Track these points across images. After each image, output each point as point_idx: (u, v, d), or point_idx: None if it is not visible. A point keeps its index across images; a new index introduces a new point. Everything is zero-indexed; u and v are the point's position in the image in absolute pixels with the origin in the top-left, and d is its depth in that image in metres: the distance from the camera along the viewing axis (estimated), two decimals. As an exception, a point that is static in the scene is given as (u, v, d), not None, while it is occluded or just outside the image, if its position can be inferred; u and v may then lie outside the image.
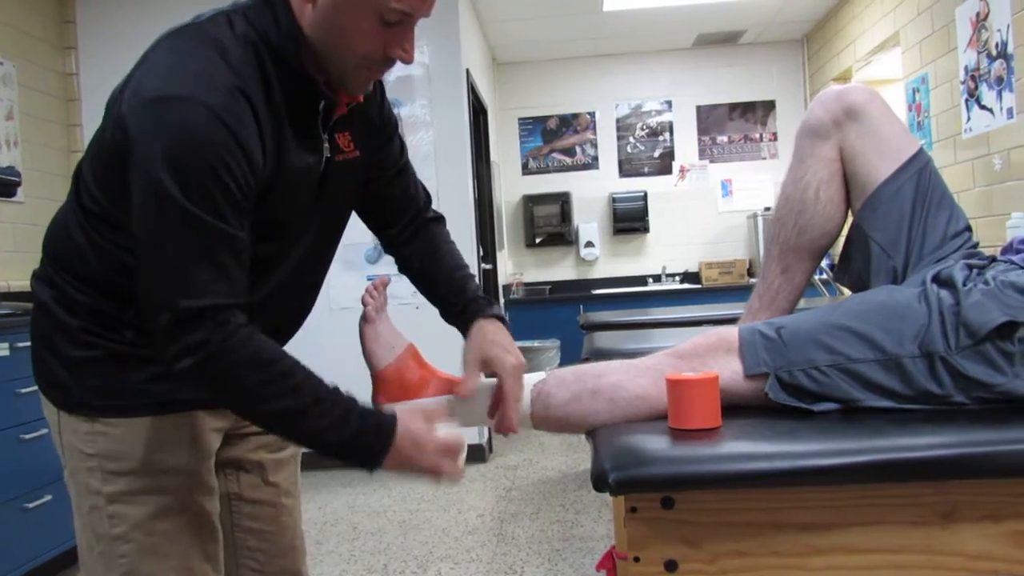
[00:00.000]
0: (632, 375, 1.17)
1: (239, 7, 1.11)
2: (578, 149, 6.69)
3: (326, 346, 1.97)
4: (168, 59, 1.03)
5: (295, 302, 1.29)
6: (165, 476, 1.17)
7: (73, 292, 1.16)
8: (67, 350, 1.16)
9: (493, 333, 1.25)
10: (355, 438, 1.05)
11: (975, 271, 1.19)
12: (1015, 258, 1.20)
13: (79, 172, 1.16)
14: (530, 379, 1.22)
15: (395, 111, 1.39)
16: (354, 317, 1.35)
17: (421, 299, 1.38)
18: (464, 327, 1.29)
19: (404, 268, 1.40)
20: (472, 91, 4.73)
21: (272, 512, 1.37)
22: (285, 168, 1.10)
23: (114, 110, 1.06)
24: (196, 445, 1.21)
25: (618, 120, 6.68)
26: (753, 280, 5.68)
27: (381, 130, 1.32)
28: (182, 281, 0.99)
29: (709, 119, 6.64)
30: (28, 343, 1.28)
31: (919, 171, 1.31)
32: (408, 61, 1.12)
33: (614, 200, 6.55)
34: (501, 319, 1.29)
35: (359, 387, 1.26)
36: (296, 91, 1.10)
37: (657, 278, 6.59)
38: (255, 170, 1.03)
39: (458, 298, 1.32)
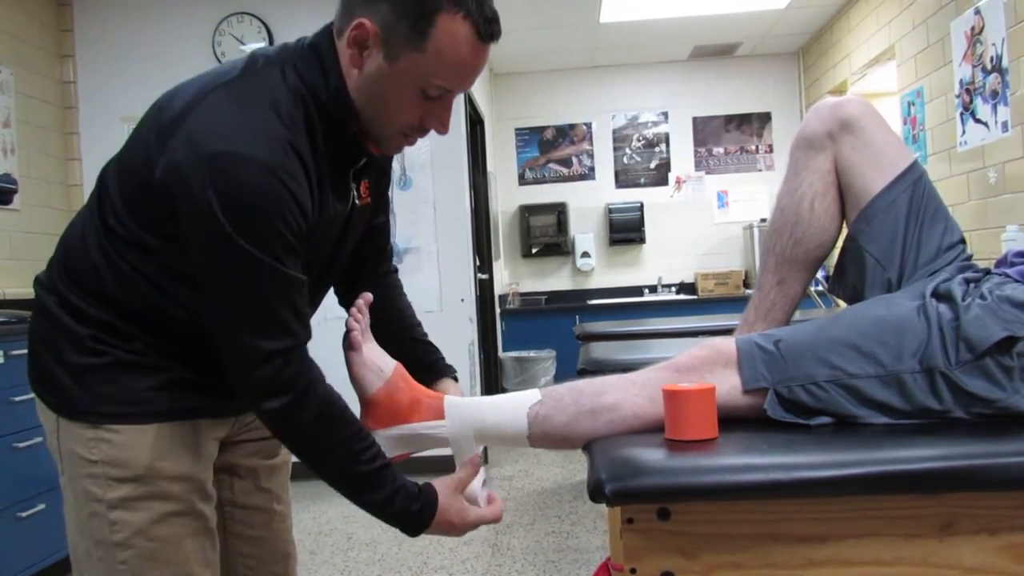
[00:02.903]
0: (630, 393, 1.16)
1: (288, 56, 1.15)
2: (575, 160, 6.71)
3: (320, 355, 1.95)
4: (225, 113, 1.06)
5: None
6: (168, 483, 1.18)
7: (83, 305, 1.16)
8: (73, 357, 1.16)
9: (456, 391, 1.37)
10: (400, 515, 1.17)
11: (972, 285, 1.19)
12: (1010, 271, 1.20)
13: (103, 189, 1.17)
14: (525, 397, 1.21)
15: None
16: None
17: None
18: (427, 381, 1.37)
19: (349, 303, 1.43)
20: (469, 101, 4.74)
21: (265, 518, 1.38)
22: (322, 214, 1.15)
23: (164, 148, 1.06)
24: (198, 453, 1.22)
25: (614, 131, 6.70)
26: (749, 291, 5.69)
27: (386, 178, 1.39)
28: (265, 326, 1.07)
29: (705, 130, 6.66)
30: (24, 351, 1.28)
31: (914, 183, 1.31)
32: (443, 133, 1.19)
33: (610, 211, 6.56)
34: (456, 379, 1.42)
35: (351, 397, 1.25)
36: (338, 145, 1.15)
37: (653, 289, 6.60)
38: (307, 220, 1.09)
39: (423, 354, 1.42)
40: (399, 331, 1.42)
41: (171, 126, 1.07)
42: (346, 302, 1.43)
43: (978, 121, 3.81)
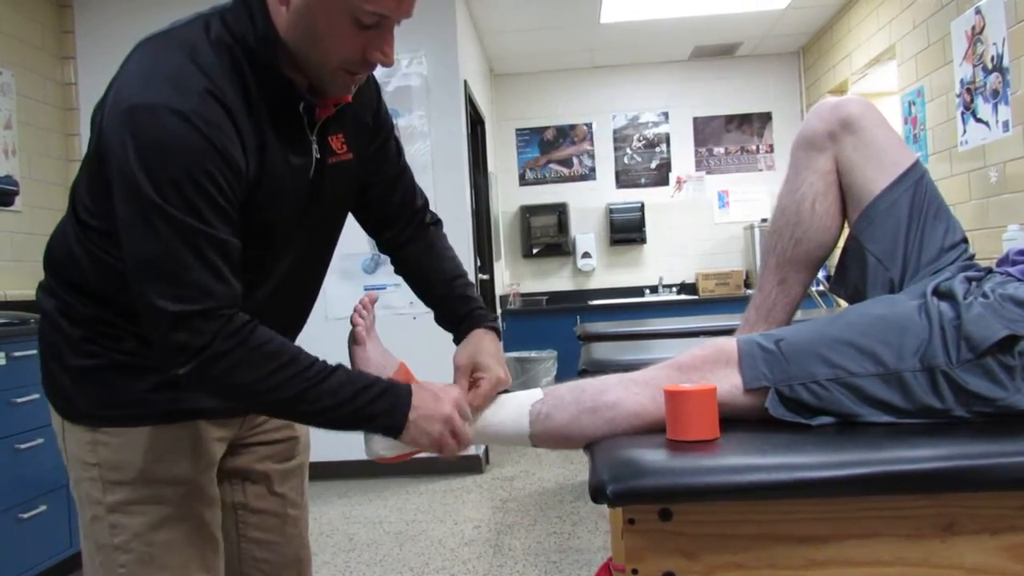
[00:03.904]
0: (631, 392, 1.16)
1: (218, 10, 1.11)
2: (575, 160, 6.71)
3: (323, 356, 1.96)
4: (140, 67, 1.04)
5: (291, 306, 1.29)
6: (165, 486, 1.17)
7: (74, 303, 1.16)
8: (70, 360, 1.16)
9: (488, 344, 1.29)
10: (376, 400, 1.08)
11: (973, 283, 1.19)
12: (1012, 270, 1.20)
13: (75, 185, 1.17)
14: (527, 396, 1.21)
15: (393, 122, 1.41)
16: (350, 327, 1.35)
17: (418, 310, 1.40)
18: (460, 335, 1.32)
19: (400, 270, 1.42)
20: (470, 102, 4.74)
21: (278, 523, 1.37)
22: (269, 169, 1.10)
23: (96, 122, 1.07)
24: (197, 455, 1.21)
25: (615, 131, 6.70)
26: (750, 291, 5.69)
27: (375, 133, 1.32)
28: (177, 287, 1.00)
29: (706, 131, 6.66)
30: (25, 352, 1.29)
31: (915, 183, 1.31)
32: (388, 64, 1.10)
33: (611, 211, 6.56)
34: (496, 331, 1.33)
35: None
36: (274, 93, 1.10)
37: (654, 289, 6.60)
38: (236, 172, 1.04)
39: (458, 307, 1.34)
40: (439, 292, 1.38)
41: (103, 98, 1.07)
42: (397, 268, 1.42)
43: (979, 120, 3.81)
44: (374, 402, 1.09)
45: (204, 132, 0.99)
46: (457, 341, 1.32)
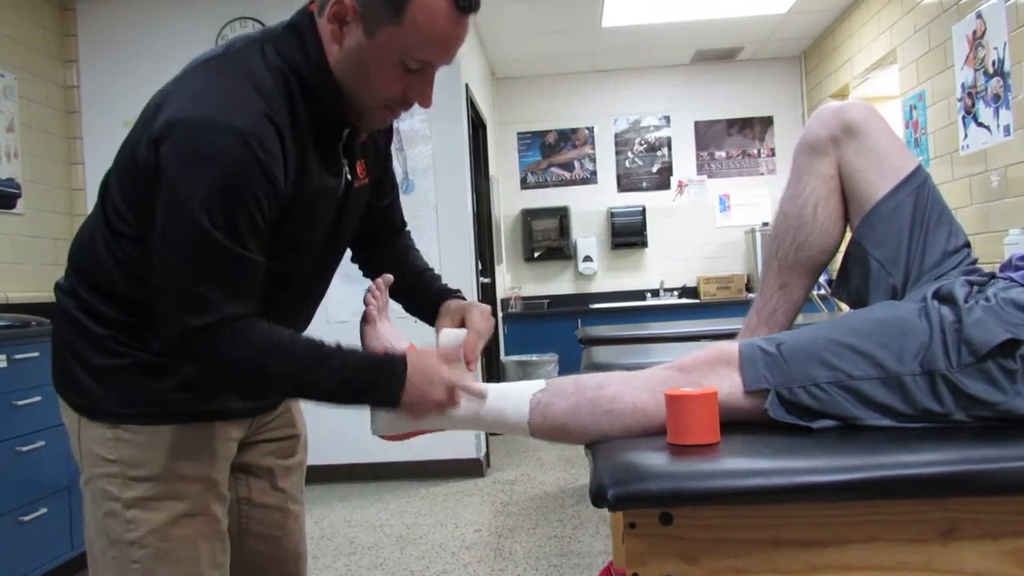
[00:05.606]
0: (632, 387, 1.17)
1: (268, 36, 1.17)
2: (576, 164, 6.71)
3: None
4: (201, 85, 1.08)
5: (301, 315, 1.35)
6: (184, 483, 1.20)
7: (100, 307, 1.19)
8: (94, 358, 1.19)
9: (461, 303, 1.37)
10: (374, 380, 1.14)
11: (975, 288, 1.19)
12: (1015, 275, 1.20)
13: (106, 188, 1.20)
14: (529, 387, 1.22)
15: (395, 124, 1.46)
16: (352, 330, 1.36)
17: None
18: (434, 309, 1.37)
19: (370, 270, 1.48)
20: (471, 105, 4.75)
21: (280, 517, 1.41)
22: (306, 189, 1.15)
23: (146, 132, 1.09)
24: (214, 454, 1.25)
25: (616, 135, 6.71)
26: (751, 295, 5.68)
27: (385, 159, 1.41)
28: (195, 300, 1.05)
29: (707, 135, 6.66)
30: (27, 355, 1.30)
31: (918, 188, 1.31)
32: (425, 105, 1.19)
33: (612, 215, 6.57)
34: (458, 296, 1.41)
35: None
36: (322, 119, 1.16)
37: (655, 293, 6.60)
38: (277, 193, 1.09)
39: (428, 291, 1.41)
40: (411, 281, 1.44)
41: (154, 112, 1.10)
42: (368, 273, 1.48)
43: (980, 125, 3.81)
44: (374, 381, 1.14)
45: (258, 155, 1.04)
46: (432, 312, 1.38)
